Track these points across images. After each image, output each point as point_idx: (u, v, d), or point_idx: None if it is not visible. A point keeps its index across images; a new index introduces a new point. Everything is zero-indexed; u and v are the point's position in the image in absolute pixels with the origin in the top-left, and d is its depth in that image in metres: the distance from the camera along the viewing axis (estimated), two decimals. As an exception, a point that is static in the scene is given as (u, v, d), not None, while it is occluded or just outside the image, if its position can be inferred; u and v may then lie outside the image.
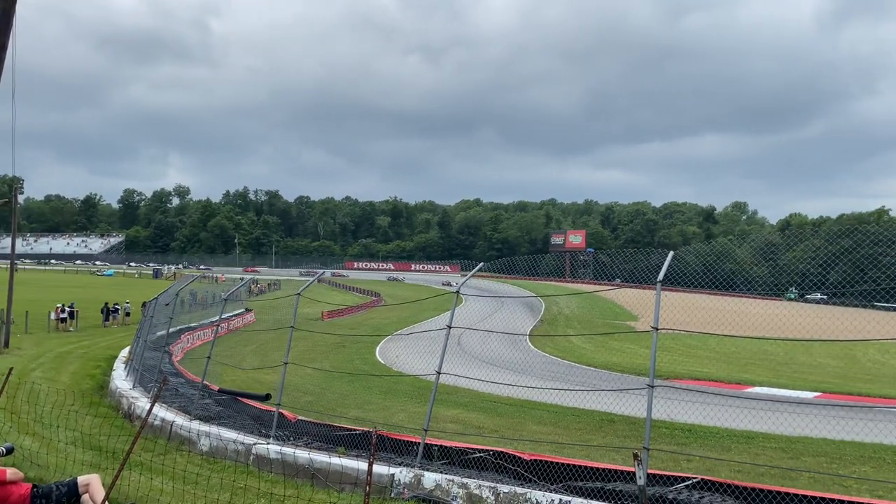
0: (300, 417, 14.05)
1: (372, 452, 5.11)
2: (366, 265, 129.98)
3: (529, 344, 41.85)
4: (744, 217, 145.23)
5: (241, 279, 30.61)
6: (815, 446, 15.41)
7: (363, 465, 5.84)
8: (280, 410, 12.47)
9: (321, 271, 22.19)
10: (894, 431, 16.12)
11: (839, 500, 7.78)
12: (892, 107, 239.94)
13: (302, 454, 9.27)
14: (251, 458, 10.57)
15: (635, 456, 4.08)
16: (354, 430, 11.88)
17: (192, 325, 38.69)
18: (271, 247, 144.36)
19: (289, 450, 9.43)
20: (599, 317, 56.13)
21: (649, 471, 8.63)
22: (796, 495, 7.97)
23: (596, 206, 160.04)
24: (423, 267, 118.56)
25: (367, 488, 4.94)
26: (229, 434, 11.58)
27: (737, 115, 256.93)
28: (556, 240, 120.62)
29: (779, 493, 8.06)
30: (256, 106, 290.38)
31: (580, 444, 13.96)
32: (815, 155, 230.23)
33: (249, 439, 11.18)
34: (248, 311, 53.64)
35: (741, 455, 14.44)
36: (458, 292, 10.60)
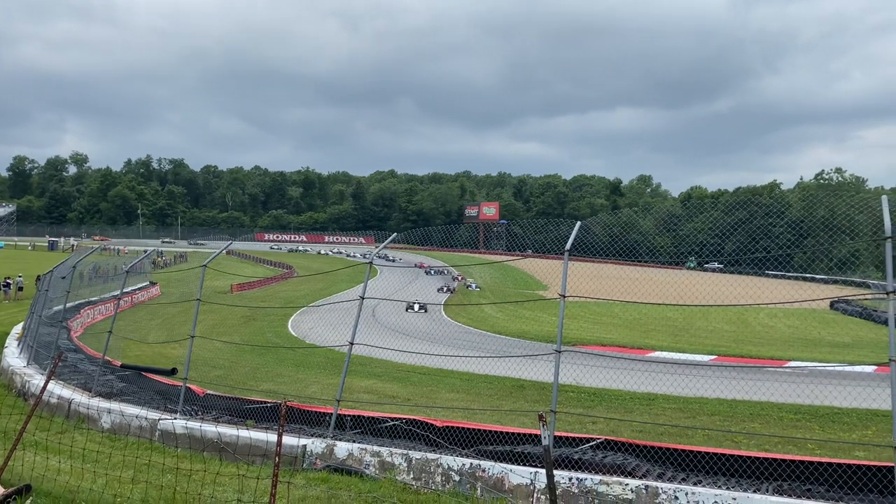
0: (209, 391, 13.71)
1: (281, 423, 5.05)
2: (277, 237, 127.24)
3: (444, 314, 42.30)
4: (648, 190, 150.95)
5: (145, 251, 29.32)
6: (710, 406, 16.39)
7: (273, 438, 5.77)
8: (187, 385, 12.12)
9: (228, 242, 21.54)
10: (780, 390, 17.33)
11: (731, 455, 8.28)
12: (792, 85, 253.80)
13: (210, 428, 9.06)
14: (157, 433, 10.25)
15: (540, 417, 4.21)
16: (266, 402, 11.71)
17: (93, 299, 36.88)
18: (177, 218, 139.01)
19: (196, 424, 9.20)
20: (512, 286, 57.34)
21: (557, 433, 8.94)
22: (692, 452, 8.46)
23: (509, 178, 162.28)
24: (337, 238, 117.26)
25: (277, 459, 4.89)
26: (133, 410, 11.18)
27: (650, 91, 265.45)
28: (471, 212, 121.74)
29: (676, 450, 8.53)
30: (163, 70, 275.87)
31: (491, 410, 14.30)
32: (720, 130, 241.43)
33: (155, 415, 10.83)
34: (152, 284, 51.60)
35: (643, 416, 15.18)
36: (370, 263, 10.55)
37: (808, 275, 47.23)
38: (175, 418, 10.71)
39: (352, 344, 9.93)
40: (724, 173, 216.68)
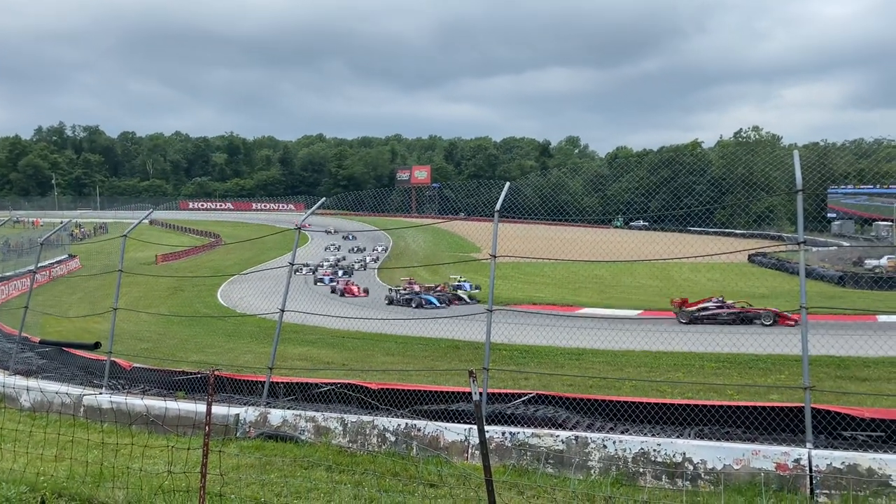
0: (136, 365, 13.36)
1: (210, 393, 4.96)
2: (202, 205, 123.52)
3: (378, 279, 42.22)
4: (576, 151, 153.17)
5: (62, 223, 27.96)
6: (636, 358, 17.02)
7: (203, 408, 5.67)
8: (112, 359, 11.74)
9: (149, 211, 20.68)
10: (702, 340, 18.11)
11: (656, 404, 8.64)
12: (719, 44, 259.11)
13: (137, 402, 8.83)
14: (81, 410, 9.91)
15: (470, 374, 4.26)
16: (196, 373, 11.48)
17: (8, 274, 35.10)
18: (95, 187, 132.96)
19: (122, 398, 8.94)
20: (445, 249, 57.55)
21: (491, 390, 9.12)
22: (620, 402, 8.78)
23: (440, 141, 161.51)
24: (265, 206, 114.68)
25: (207, 428, 4.80)
26: (55, 387, 10.76)
27: (583, 50, 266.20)
28: (402, 175, 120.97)
29: (605, 401, 8.83)
30: (75, 30, 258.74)
31: (427, 371, 14.43)
32: (648, 90, 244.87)
33: (78, 390, 10.46)
34: (71, 257, 49.47)
35: (573, 370, 15.65)
36: (299, 229, 10.37)
37: (727, 230, 49.25)
38: (100, 393, 10.38)
39: (282, 311, 9.80)
40: (650, 133, 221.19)
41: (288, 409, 9.08)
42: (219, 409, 8.34)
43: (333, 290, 35.24)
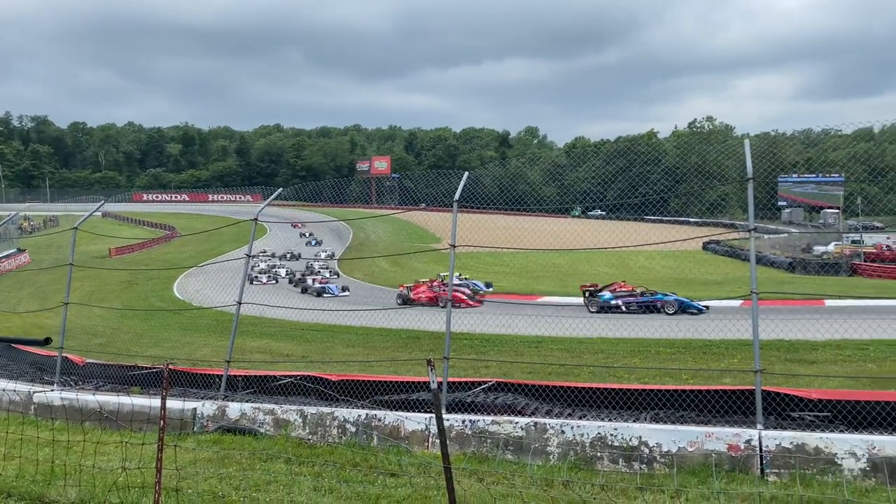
0: (89, 360, 13.05)
1: (164, 387, 4.87)
2: (157, 197, 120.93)
3: (338, 270, 41.98)
4: (535, 141, 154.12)
5: (9, 215, 27.09)
6: (594, 345, 17.27)
7: (158, 403, 5.56)
8: (64, 355, 11.45)
9: (100, 202, 20.06)
10: (658, 326, 18.49)
11: (613, 389, 8.78)
12: (676, 36, 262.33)
13: (90, 397, 8.63)
14: (32, 407, 9.65)
15: (428, 363, 4.27)
16: (151, 368, 11.26)
17: (-49, 270, 33.88)
18: (44, 179, 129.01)
19: (73, 394, 8.72)
20: (406, 240, 57.46)
21: (452, 379, 9.15)
22: (578, 388, 8.90)
23: (400, 131, 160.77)
24: (222, 197, 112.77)
25: (162, 423, 4.72)
26: (3, 384, 10.44)
27: (542, 41, 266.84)
28: (362, 166, 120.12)
29: (564, 387, 8.95)
30: (21, 15, 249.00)
31: (388, 361, 14.42)
32: (606, 81, 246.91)
33: (28, 387, 10.18)
34: (20, 251, 47.99)
35: (533, 357, 15.82)
36: (255, 220, 10.23)
37: (682, 218, 50.17)
38: (51, 390, 10.12)
39: (239, 304, 9.67)
40: (608, 123, 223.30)
41: (246, 402, 8.98)
42: (175, 404, 8.21)
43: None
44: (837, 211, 55.07)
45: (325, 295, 32.01)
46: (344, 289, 33.27)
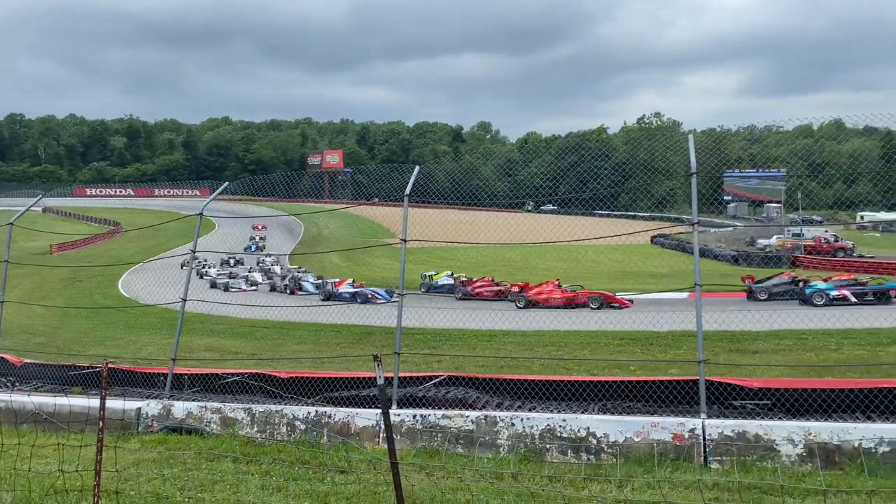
0: (27, 360, 12.58)
1: (103, 386, 4.72)
2: (100, 191, 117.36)
3: (289, 265, 41.47)
4: (488, 136, 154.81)
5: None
6: (545, 337, 17.47)
7: (98, 403, 5.39)
8: (1, 355, 11.03)
9: (38, 197, 19.30)
10: (607, 319, 18.79)
11: (563, 381, 8.88)
12: (627, 32, 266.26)
13: (26, 399, 8.32)
14: (-36, 411, 9.25)
15: (375, 358, 4.24)
16: (93, 367, 10.93)
17: None
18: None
19: (7, 396, 8.39)
20: (359, 235, 57.07)
21: (403, 374, 9.12)
22: (530, 381, 8.98)
23: (352, 125, 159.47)
24: (169, 192, 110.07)
25: (101, 424, 4.58)
26: (-67, 388, 10.00)
27: (496, 36, 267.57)
28: (314, 160, 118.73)
29: (516, 380, 9.02)
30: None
31: (340, 357, 14.31)
32: (559, 77, 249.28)
33: (-40, 391, 9.77)
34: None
35: (486, 351, 15.91)
36: (201, 215, 10.00)
37: (631, 213, 51.11)
38: (-14, 392, 9.72)
39: (184, 301, 9.45)
40: (560, 119, 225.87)
41: (193, 401, 8.80)
42: (116, 404, 7.97)
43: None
44: (779, 205, 56.91)
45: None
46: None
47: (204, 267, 38.39)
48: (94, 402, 6.85)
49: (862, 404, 7.18)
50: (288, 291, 31.91)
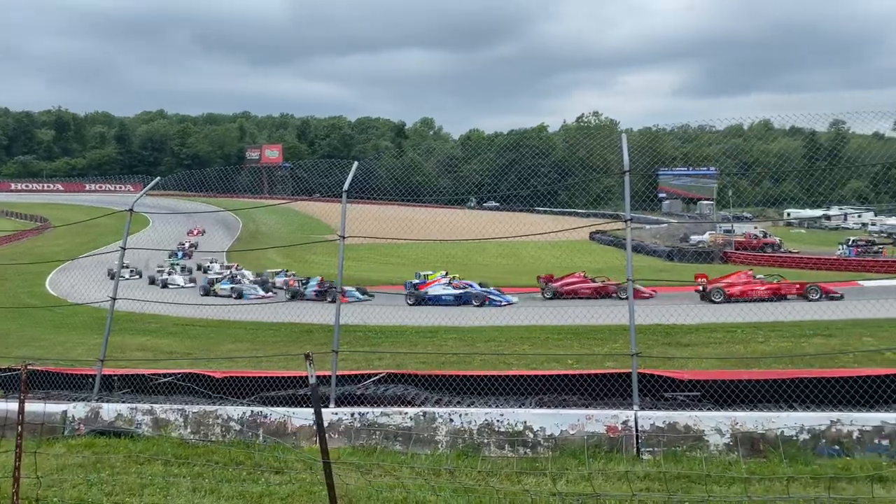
0: (-57, 364, 11.95)
1: (23, 389, 4.52)
2: (27, 186, 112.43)
3: (227, 262, 40.64)
4: (431, 132, 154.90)
5: None
6: (486, 333, 17.60)
7: (16, 406, 5.16)
8: (-88, 359, 10.43)
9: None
10: (546, 313, 19.04)
11: (502, 376, 8.97)
12: (569, 31, 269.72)
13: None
14: None
15: (306, 357, 4.19)
16: (13, 370, 10.45)
17: None
18: None
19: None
20: (298, 231, 56.28)
21: (343, 372, 9.05)
22: (470, 376, 9.02)
23: (292, 119, 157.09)
24: (100, 187, 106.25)
25: (20, 428, 4.38)
26: None
27: (440, 33, 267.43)
28: (252, 154, 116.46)
29: (455, 376, 9.05)
30: None
31: (278, 356, 14.07)
32: (502, 74, 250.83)
33: None
34: None
35: (427, 347, 15.92)
36: (131, 210, 9.68)
37: (570, 209, 51.96)
38: None
39: (114, 299, 9.13)
40: (502, 116, 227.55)
41: (123, 402, 8.52)
42: (37, 407, 7.64)
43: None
44: (711, 202, 58.87)
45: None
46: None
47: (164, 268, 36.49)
48: (13, 406, 6.57)
49: (785, 394, 7.48)
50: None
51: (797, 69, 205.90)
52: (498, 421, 6.96)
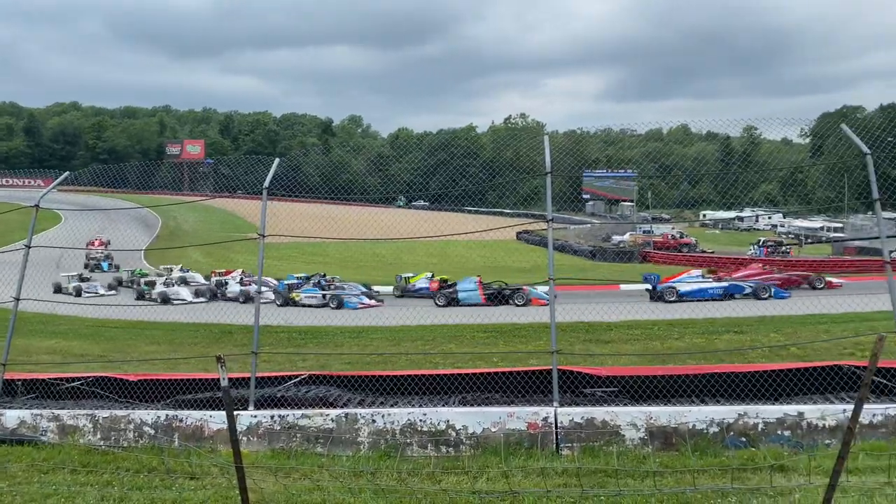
0: None
1: None
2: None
3: (144, 262, 39.19)
4: (359, 130, 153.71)
5: None
6: (413, 332, 17.58)
7: None
8: None
9: None
10: (473, 312, 19.22)
11: (428, 375, 8.95)
12: (495, 33, 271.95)
13: None
14: None
15: (218, 359, 4.07)
16: None
17: None
18: None
19: None
20: (221, 230, 54.80)
21: (264, 374, 8.86)
22: (395, 376, 8.98)
23: (215, 114, 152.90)
24: (7, 181, 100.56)
25: None
26: None
27: (368, 30, 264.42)
28: (172, 150, 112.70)
29: (379, 376, 8.99)
30: None
31: (197, 358, 13.66)
32: (430, 73, 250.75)
33: None
34: None
35: (352, 348, 15.76)
36: (37, 206, 9.19)
37: (498, 210, 52.62)
38: None
39: (17, 300, 8.65)
40: (431, 116, 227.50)
41: (26, 408, 8.08)
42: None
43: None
44: (632, 203, 60.78)
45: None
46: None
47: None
48: None
49: (697, 388, 7.77)
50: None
51: (711, 76, 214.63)
52: (421, 420, 6.95)
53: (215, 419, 7.22)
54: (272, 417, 7.20)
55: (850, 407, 5.44)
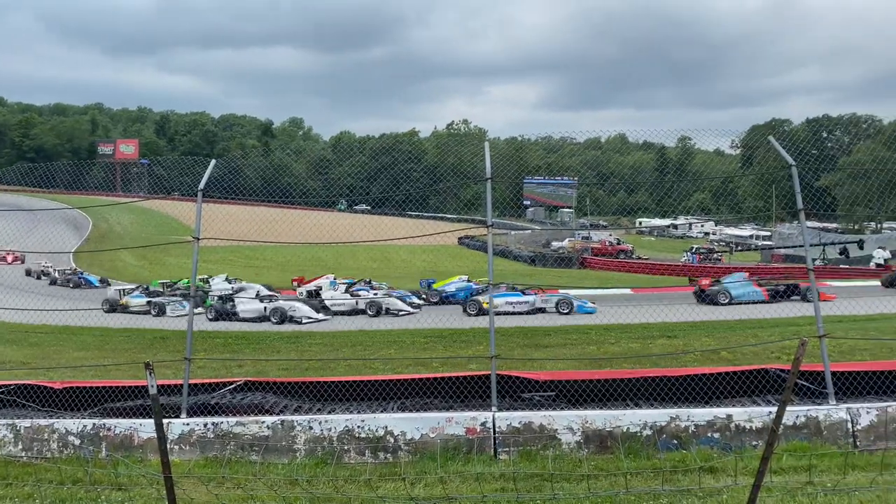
0: None
1: None
2: None
3: (74, 265, 37.69)
4: (300, 133, 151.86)
5: None
6: (352, 337, 17.42)
7: None
8: None
9: None
10: (414, 317, 19.18)
11: (367, 381, 8.89)
12: (439, 39, 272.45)
13: None
14: None
15: (146, 366, 3.95)
16: None
17: None
18: None
19: None
20: (156, 232, 53.18)
21: (198, 380, 8.63)
22: (334, 382, 8.88)
23: (150, 113, 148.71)
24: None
25: None
26: None
27: (309, 32, 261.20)
28: (105, 149, 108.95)
29: (317, 382, 8.87)
30: None
31: (127, 364, 13.20)
32: (373, 78, 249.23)
33: None
34: None
35: (290, 354, 15.51)
36: (-44, 204, 8.73)
37: (440, 215, 52.75)
38: None
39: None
40: (373, 120, 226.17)
41: (-60, 420, 7.65)
42: None
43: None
44: (571, 210, 61.89)
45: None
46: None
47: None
48: None
49: (632, 392, 7.95)
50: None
51: (648, 87, 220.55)
52: (359, 427, 6.89)
53: (145, 427, 7.00)
54: (206, 425, 7.02)
55: (775, 409, 5.66)
